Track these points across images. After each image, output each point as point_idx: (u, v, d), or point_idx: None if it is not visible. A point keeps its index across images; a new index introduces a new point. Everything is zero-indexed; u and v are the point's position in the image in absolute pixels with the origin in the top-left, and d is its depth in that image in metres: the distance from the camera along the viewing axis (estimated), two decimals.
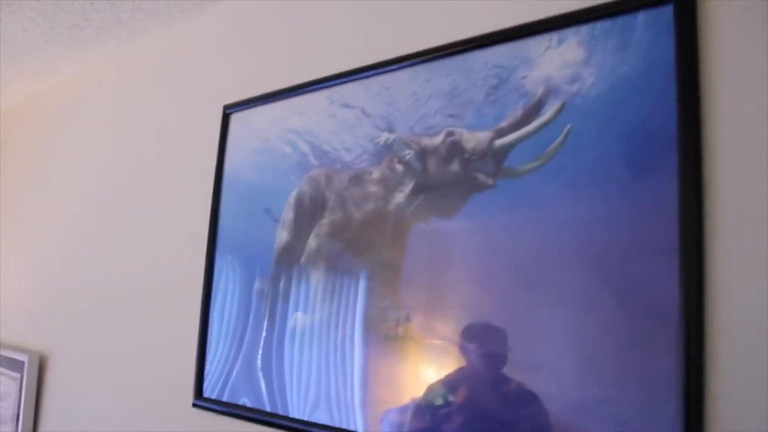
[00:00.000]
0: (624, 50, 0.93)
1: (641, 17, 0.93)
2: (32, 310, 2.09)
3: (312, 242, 1.25)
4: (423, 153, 1.12)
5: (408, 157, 1.13)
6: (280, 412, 1.23)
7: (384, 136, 1.18)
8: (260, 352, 1.30)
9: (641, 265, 0.86)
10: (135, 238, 1.73)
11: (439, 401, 1.01)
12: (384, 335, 1.11)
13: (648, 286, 0.85)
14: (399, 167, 1.15)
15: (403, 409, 1.06)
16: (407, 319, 1.08)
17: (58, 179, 2.16)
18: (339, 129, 1.26)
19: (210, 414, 1.36)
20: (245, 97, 1.48)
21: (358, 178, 1.20)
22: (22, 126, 2.50)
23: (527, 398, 0.93)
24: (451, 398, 1.00)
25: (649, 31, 0.92)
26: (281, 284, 1.29)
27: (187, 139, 1.64)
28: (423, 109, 1.14)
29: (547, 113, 0.98)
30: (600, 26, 0.97)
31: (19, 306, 2.16)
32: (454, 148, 1.08)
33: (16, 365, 1.91)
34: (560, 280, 0.93)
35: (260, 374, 1.29)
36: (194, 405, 1.39)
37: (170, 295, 1.56)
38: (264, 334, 1.30)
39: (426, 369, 1.05)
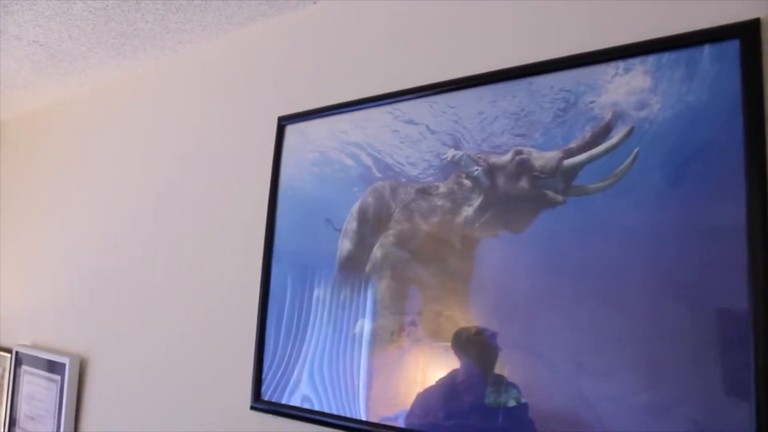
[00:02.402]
0: (690, 81, 1.01)
1: (707, 50, 1.01)
2: (71, 312, 2.12)
3: (377, 252, 1.31)
4: (491, 170, 1.19)
5: (476, 173, 1.20)
6: (346, 414, 1.29)
7: (451, 153, 1.25)
8: (321, 356, 1.36)
9: (710, 278, 0.94)
10: (186, 244, 1.77)
11: (512, 402, 1.08)
12: (448, 343, 1.17)
13: (717, 296, 0.93)
14: (467, 182, 1.22)
15: (470, 411, 1.12)
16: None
17: (96, 182, 2.19)
18: (403, 144, 1.32)
19: (269, 417, 1.42)
20: (300, 109, 1.54)
21: (424, 192, 1.27)
22: (57, 127, 2.53)
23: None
24: (523, 400, 1.07)
25: (714, 63, 0.99)
26: (344, 292, 1.35)
27: (237, 149, 1.70)
28: (490, 128, 1.21)
29: (616, 137, 1.06)
30: (666, 57, 1.04)
31: (57, 307, 2.19)
32: (523, 166, 1.15)
33: (56, 368, 1.94)
34: (628, 291, 1.00)
35: (322, 377, 1.35)
36: (252, 407, 1.44)
37: (223, 299, 1.61)
38: (325, 340, 1.36)
39: (492, 374, 1.11)
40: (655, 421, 0.94)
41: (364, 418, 1.26)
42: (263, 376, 1.46)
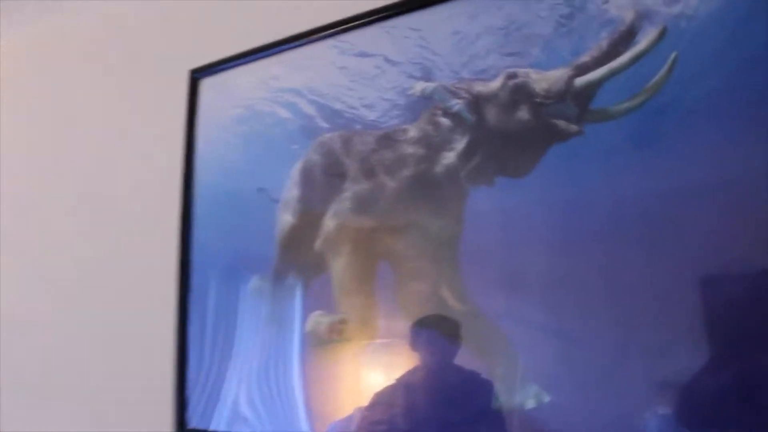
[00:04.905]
0: None
1: None
2: None
3: (329, 222, 1.00)
4: (476, 101, 0.91)
5: (456, 107, 0.92)
6: None
7: (420, 86, 0.96)
8: (261, 366, 1.04)
9: None
10: (78, 234, 1.40)
11: (531, 403, 0.79)
12: (437, 331, 0.88)
13: None
14: (444, 121, 0.93)
15: (475, 418, 0.83)
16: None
17: None
18: (354, 83, 1.03)
19: None
20: (217, 57, 1.22)
21: (388, 139, 0.97)
22: None
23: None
24: (546, 398, 0.78)
25: None
26: (289, 278, 1.03)
27: (138, 116, 1.35)
28: (471, 49, 0.93)
29: (643, 42, 0.81)
30: None
31: None
32: (520, 92, 0.88)
33: None
34: (688, 243, 0.74)
35: (265, 392, 1.02)
36: None
37: (130, 303, 1.26)
38: (267, 343, 1.04)
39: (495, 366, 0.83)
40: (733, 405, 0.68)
41: None
42: (186, 398, 1.11)
